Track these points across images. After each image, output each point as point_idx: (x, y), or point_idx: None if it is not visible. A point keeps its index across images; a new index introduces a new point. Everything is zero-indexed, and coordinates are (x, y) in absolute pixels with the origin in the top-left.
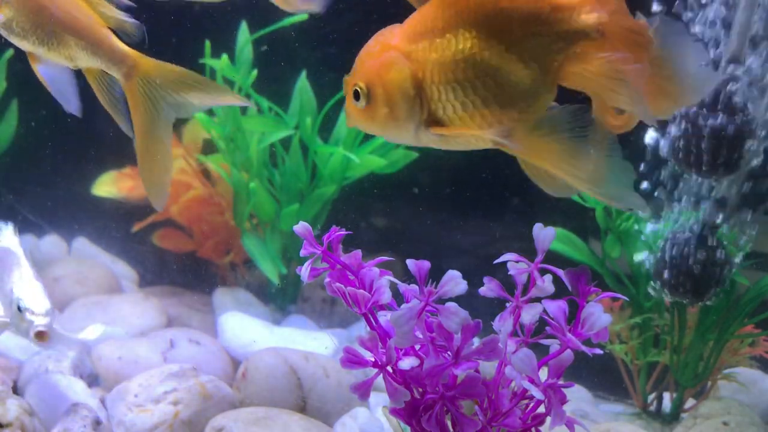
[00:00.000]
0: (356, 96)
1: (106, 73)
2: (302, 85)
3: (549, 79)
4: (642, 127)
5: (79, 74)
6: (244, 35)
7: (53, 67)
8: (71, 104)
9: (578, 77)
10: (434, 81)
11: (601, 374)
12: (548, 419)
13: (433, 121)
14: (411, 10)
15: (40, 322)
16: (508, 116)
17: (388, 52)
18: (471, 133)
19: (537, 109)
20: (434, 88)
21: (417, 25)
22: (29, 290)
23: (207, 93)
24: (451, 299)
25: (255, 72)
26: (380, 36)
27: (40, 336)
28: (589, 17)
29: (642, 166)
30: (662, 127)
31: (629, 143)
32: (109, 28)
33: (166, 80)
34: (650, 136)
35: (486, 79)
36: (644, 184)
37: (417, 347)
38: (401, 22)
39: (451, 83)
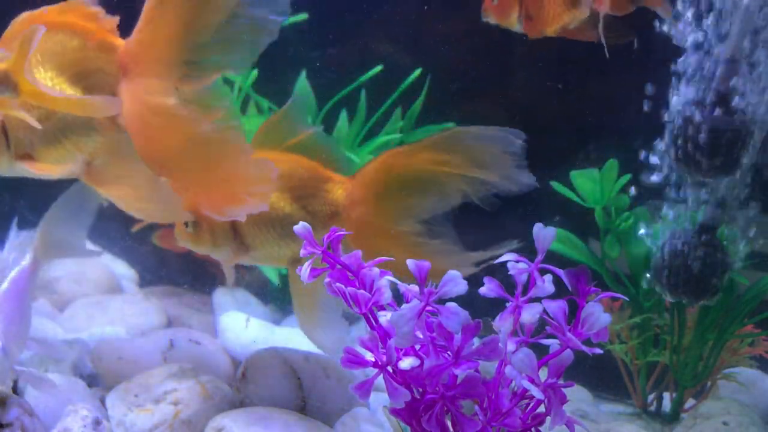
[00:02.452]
0: (186, 225)
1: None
2: (302, 85)
3: (321, 225)
4: (641, 128)
5: None
6: None
7: None
8: None
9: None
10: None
11: (601, 374)
12: (548, 419)
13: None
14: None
15: None
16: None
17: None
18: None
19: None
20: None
21: None
22: None
23: None
24: (451, 299)
25: (255, 72)
26: None
27: None
28: (337, 196)
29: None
30: (662, 128)
31: (630, 145)
32: None
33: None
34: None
35: (277, 222)
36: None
37: (417, 347)
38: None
39: (259, 222)
